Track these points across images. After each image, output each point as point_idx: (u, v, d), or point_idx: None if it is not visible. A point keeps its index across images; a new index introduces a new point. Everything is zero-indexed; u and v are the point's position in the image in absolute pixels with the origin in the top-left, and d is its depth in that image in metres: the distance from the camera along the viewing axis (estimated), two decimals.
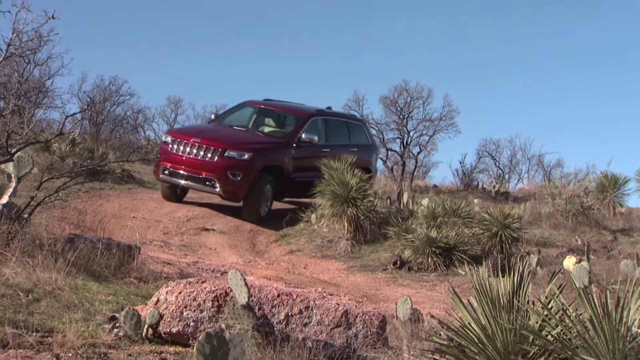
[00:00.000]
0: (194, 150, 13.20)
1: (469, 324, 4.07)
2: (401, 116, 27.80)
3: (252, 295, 5.17)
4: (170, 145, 13.51)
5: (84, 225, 11.07)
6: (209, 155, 13.07)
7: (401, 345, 5.02)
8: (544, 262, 10.08)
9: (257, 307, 5.23)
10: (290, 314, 5.33)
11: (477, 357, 3.94)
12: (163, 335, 5.24)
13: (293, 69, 46.59)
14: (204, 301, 5.29)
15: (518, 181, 30.34)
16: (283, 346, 4.75)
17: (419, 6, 47.32)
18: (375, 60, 46.29)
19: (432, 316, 6.17)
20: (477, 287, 4.13)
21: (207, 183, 13.07)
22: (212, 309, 5.27)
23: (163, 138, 14.39)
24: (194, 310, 5.25)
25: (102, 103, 24.59)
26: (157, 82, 46.17)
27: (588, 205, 14.82)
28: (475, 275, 4.23)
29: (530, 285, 4.20)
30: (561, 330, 3.82)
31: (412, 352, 4.58)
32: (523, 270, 4.21)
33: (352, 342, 5.33)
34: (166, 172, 13.41)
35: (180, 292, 5.34)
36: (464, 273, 10.28)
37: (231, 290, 5.19)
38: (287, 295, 5.44)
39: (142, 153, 17.53)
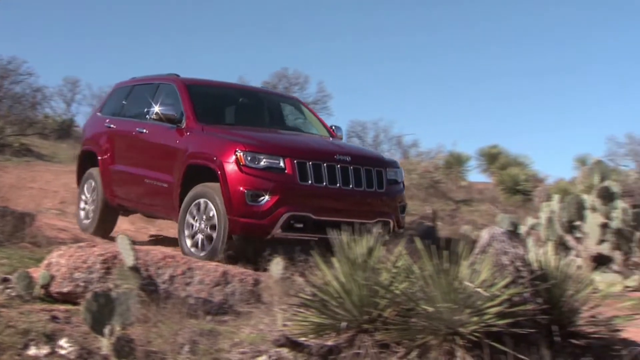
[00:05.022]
0: (350, 177, 7.14)
1: (330, 281, 4.15)
2: None
3: (139, 258, 5.07)
4: (287, 172, 6.86)
5: None
6: (373, 182, 7.31)
7: (272, 301, 5.07)
8: None
9: (143, 269, 5.13)
10: (174, 274, 5.26)
11: (336, 310, 4.02)
12: (55, 295, 5.05)
13: (181, 48, 45.47)
14: (94, 264, 5.14)
15: None
16: (166, 303, 4.70)
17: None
18: (258, 49, 46.07)
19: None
20: (338, 249, 4.22)
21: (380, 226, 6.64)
22: (101, 271, 5.13)
23: (249, 158, 6.84)
24: (84, 272, 5.09)
25: (0, 80, 23.16)
26: (56, 62, 44.02)
27: (437, 180, 15.38)
28: (338, 239, 4.31)
29: (383, 248, 4.32)
30: (407, 285, 3.96)
31: (281, 307, 4.62)
32: (377, 235, 4.33)
33: (229, 298, 5.33)
34: (295, 222, 6.85)
35: (71, 256, 5.17)
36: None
37: (120, 254, 5.07)
38: (172, 258, 5.40)
39: (38, 128, 16.71)
